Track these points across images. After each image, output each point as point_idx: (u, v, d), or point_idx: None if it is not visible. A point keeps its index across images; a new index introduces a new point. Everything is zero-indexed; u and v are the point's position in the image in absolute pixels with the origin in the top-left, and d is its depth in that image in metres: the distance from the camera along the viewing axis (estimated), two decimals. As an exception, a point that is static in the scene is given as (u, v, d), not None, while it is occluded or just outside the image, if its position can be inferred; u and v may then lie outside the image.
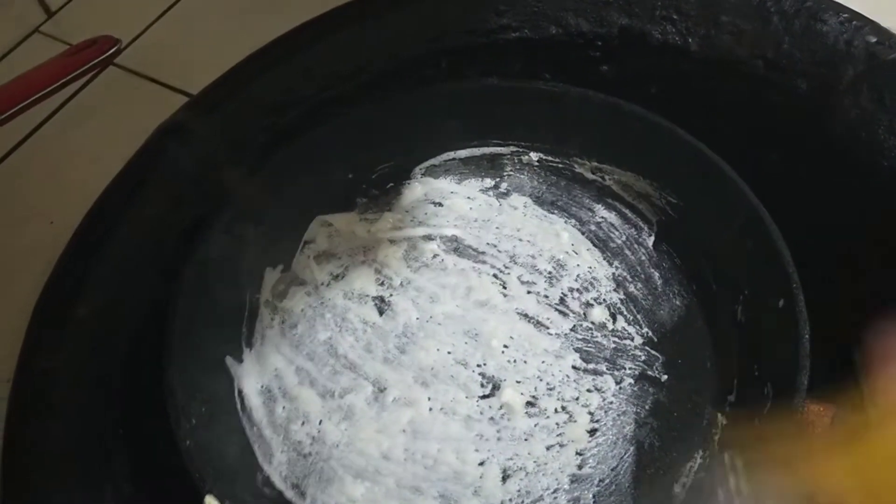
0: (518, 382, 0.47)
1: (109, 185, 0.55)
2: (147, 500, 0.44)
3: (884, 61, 0.53)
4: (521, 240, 0.53)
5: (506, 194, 0.55)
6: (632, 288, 0.50)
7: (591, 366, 0.47)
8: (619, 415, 0.45)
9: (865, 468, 0.36)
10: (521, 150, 0.55)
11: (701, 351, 0.47)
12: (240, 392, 0.48)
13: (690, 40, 0.59)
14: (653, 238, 0.51)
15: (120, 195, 0.55)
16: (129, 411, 0.47)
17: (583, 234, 0.53)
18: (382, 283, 0.52)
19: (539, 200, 0.55)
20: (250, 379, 0.48)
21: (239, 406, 0.47)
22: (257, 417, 0.47)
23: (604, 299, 0.50)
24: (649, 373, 0.47)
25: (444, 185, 0.56)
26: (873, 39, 0.53)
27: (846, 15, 0.54)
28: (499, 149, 0.55)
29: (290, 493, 0.45)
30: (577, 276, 0.51)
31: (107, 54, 0.58)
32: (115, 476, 0.45)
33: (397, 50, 0.62)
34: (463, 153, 0.56)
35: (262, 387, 0.48)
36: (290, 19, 0.62)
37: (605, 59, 0.60)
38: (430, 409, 0.46)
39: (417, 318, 0.50)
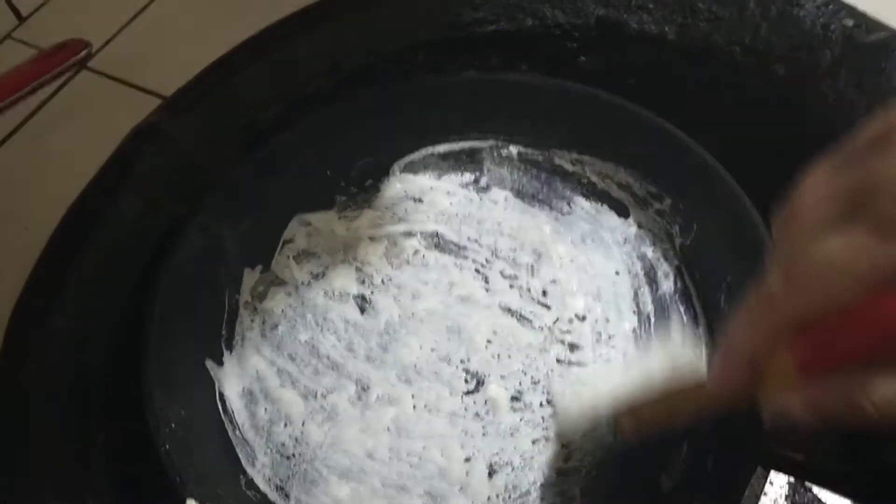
0: (502, 377, 0.46)
1: (84, 189, 0.55)
2: (129, 507, 0.44)
3: (861, 44, 0.53)
4: (502, 234, 0.52)
5: (486, 188, 0.55)
6: (614, 278, 0.49)
7: (574, 358, 0.47)
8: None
9: None
10: (500, 143, 0.55)
11: (685, 339, 0.47)
12: (221, 395, 0.47)
13: (667, 29, 0.59)
14: (634, 228, 0.51)
15: (95, 200, 0.54)
16: (109, 418, 0.46)
17: (564, 225, 0.52)
18: (363, 282, 0.51)
19: (519, 194, 0.54)
20: (231, 381, 0.48)
21: (220, 409, 0.47)
22: (239, 420, 0.47)
23: (586, 290, 0.49)
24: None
25: (424, 180, 0.55)
26: (850, 23, 0.53)
27: (822, -1, 0.54)
28: (478, 143, 0.55)
29: (273, 496, 0.44)
30: (560, 267, 0.50)
31: (77, 57, 0.57)
32: (95, 485, 0.44)
33: (374, 45, 0.61)
34: (442, 148, 0.55)
35: (243, 389, 0.48)
36: (264, 18, 0.62)
37: (583, 50, 0.60)
38: (415, 407, 0.46)
39: (399, 316, 0.50)
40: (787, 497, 0.47)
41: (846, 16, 0.53)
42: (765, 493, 0.47)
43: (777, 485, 0.48)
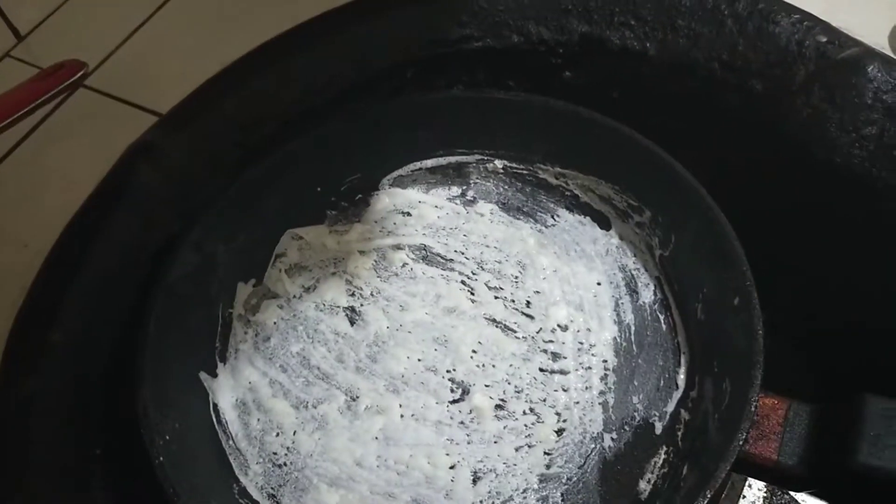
0: (487, 386, 0.48)
1: (81, 207, 0.56)
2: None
3: (834, 61, 0.54)
4: (488, 246, 0.54)
5: (472, 202, 0.56)
6: (595, 289, 0.51)
7: (557, 366, 0.48)
8: (585, 414, 0.46)
9: None
10: (486, 157, 0.56)
11: (663, 348, 0.48)
12: (215, 406, 0.48)
13: (648, 45, 0.60)
14: (615, 239, 0.53)
15: (91, 217, 0.55)
16: (106, 433, 0.48)
17: (547, 237, 0.54)
18: (353, 294, 0.53)
19: (505, 207, 0.56)
20: (225, 393, 0.49)
21: (214, 420, 0.48)
22: (233, 430, 0.48)
23: (569, 300, 0.51)
24: (613, 371, 0.48)
25: (412, 194, 0.57)
26: (824, 39, 0.54)
27: (797, 16, 0.55)
28: (464, 157, 0.57)
29: (266, 503, 0.45)
30: (543, 278, 0.52)
31: (75, 77, 0.59)
32: (93, 496, 0.46)
33: (363, 63, 0.63)
34: (429, 163, 0.57)
35: (236, 400, 0.49)
36: (256, 37, 0.63)
37: (567, 66, 0.61)
38: (402, 416, 0.48)
39: (388, 327, 0.51)
40: (765, 499, 0.48)
41: (820, 32, 0.54)
42: (743, 496, 0.49)
43: (756, 487, 0.49)
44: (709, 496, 0.38)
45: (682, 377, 0.47)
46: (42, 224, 0.57)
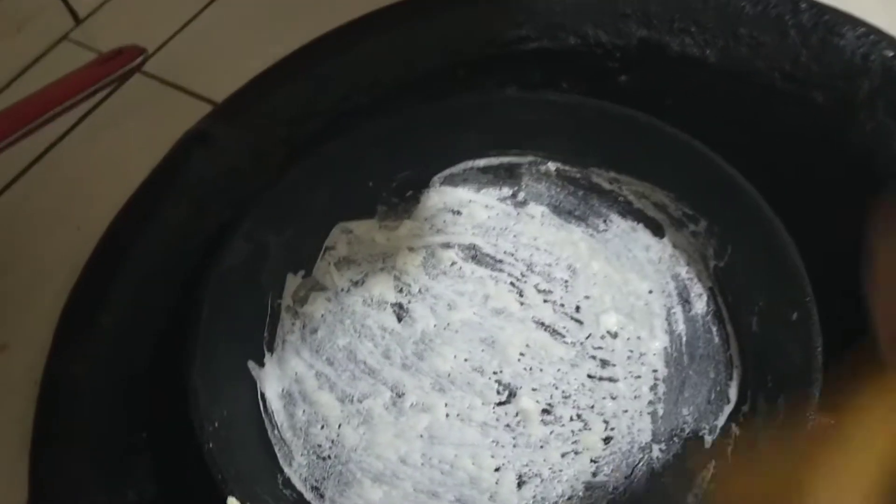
0: (534, 390, 0.48)
1: (135, 192, 0.57)
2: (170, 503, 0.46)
3: (900, 75, 0.53)
4: (538, 248, 0.54)
5: (523, 203, 0.56)
6: (647, 297, 0.50)
7: (606, 374, 0.48)
8: (633, 423, 0.46)
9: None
10: (538, 159, 0.56)
11: (715, 360, 0.48)
12: (262, 395, 0.49)
13: (708, 52, 0.59)
14: (669, 248, 0.52)
15: (145, 203, 0.56)
16: (153, 415, 0.48)
17: (599, 242, 0.53)
18: (401, 290, 0.53)
19: (556, 210, 0.55)
20: (271, 383, 0.49)
21: (261, 409, 0.48)
22: (278, 420, 0.48)
23: (619, 307, 0.50)
24: (664, 381, 0.47)
25: (463, 193, 0.56)
26: (890, 54, 0.53)
27: (863, 29, 0.55)
28: (517, 158, 0.56)
29: (309, 495, 0.46)
30: (594, 284, 0.51)
31: (133, 64, 0.59)
32: (138, 479, 0.46)
33: (415, 61, 0.63)
34: (481, 162, 0.56)
35: (282, 391, 0.49)
36: (312, 30, 0.64)
37: (624, 70, 0.60)
38: (447, 415, 0.47)
39: (435, 325, 0.51)
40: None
41: (886, 46, 0.53)
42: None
43: None
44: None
45: (733, 391, 0.46)
46: (95, 207, 0.58)
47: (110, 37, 0.68)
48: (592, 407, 0.47)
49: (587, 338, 0.49)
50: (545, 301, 0.51)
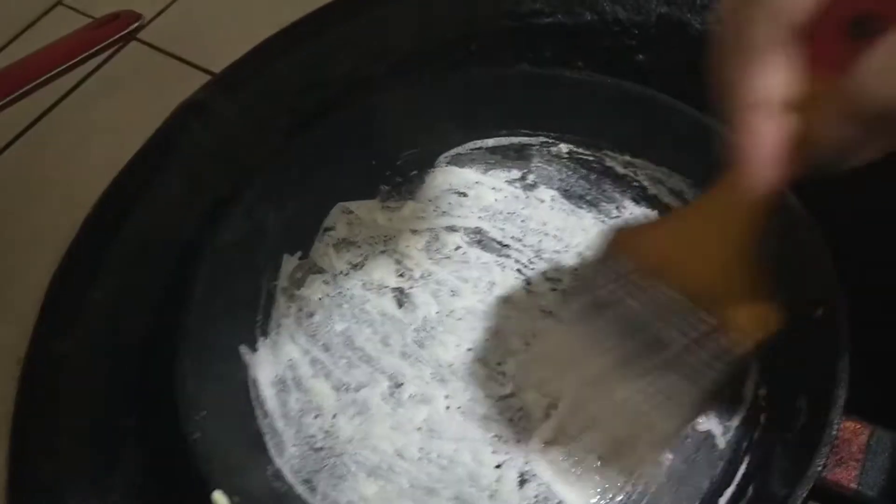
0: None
1: (129, 162, 0.54)
2: (156, 492, 0.44)
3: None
4: (547, 234, 0.51)
5: (533, 186, 0.53)
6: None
7: (615, 369, 0.45)
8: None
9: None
10: (550, 140, 0.53)
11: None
12: (254, 382, 0.47)
13: (732, 31, 0.56)
14: (685, 237, 0.49)
15: (139, 173, 0.54)
16: (141, 399, 0.46)
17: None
18: (402, 275, 0.50)
19: (567, 194, 0.53)
20: (264, 369, 0.47)
21: (252, 396, 0.46)
22: (270, 408, 0.46)
23: (631, 299, 0.48)
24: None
25: (470, 174, 0.54)
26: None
27: None
28: (527, 139, 0.54)
29: (300, 489, 0.44)
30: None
31: (128, 30, 0.57)
32: (125, 467, 0.44)
33: (426, 32, 0.60)
34: (490, 142, 0.54)
35: (276, 377, 0.47)
36: (315, 0, 0.61)
37: (642, 48, 0.58)
38: (447, 408, 0.45)
39: (437, 312, 0.49)
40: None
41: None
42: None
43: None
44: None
45: (749, 390, 0.44)
46: (88, 176, 0.56)
47: (104, 2, 0.66)
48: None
49: (596, 329, 0.47)
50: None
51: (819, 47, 0.27)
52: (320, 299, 0.50)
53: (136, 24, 0.59)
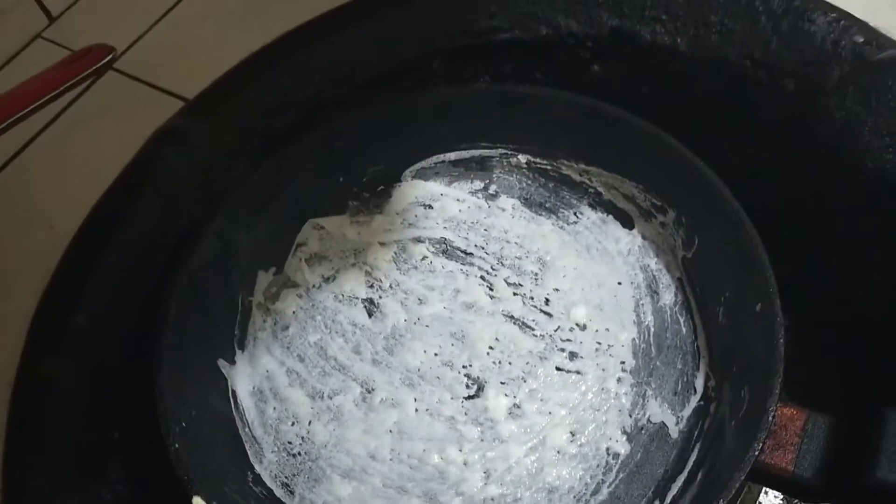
0: (502, 384, 0.48)
1: (106, 191, 0.56)
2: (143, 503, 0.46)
3: (870, 62, 0.52)
4: (508, 241, 0.54)
5: (494, 196, 0.56)
6: (616, 289, 0.50)
7: (574, 366, 0.48)
8: (600, 416, 0.46)
9: None
10: (509, 152, 0.56)
11: (683, 351, 0.48)
12: (233, 393, 0.49)
13: (679, 40, 0.59)
14: (638, 239, 0.52)
15: (116, 201, 0.56)
16: (126, 415, 0.48)
17: (569, 234, 0.53)
18: (372, 286, 0.53)
19: (527, 202, 0.55)
20: (242, 380, 0.49)
21: (232, 407, 0.49)
22: (249, 418, 0.48)
23: (588, 299, 0.50)
24: (631, 373, 0.47)
25: (434, 187, 0.56)
26: (860, 39, 0.53)
27: (834, 15, 0.54)
28: (488, 151, 0.56)
29: (279, 492, 0.46)
30: (564, 276, 0.51)
31: (102, 62, 0.59)
32: (111, 480, 0.46)
33: (388, 53, 0.62)
34: (452, 156, 0.56)
35: (253, 388, 0.49)
36: (284, 25, 0.63)
37: (596, 60, 0.60)
38: (416, 410, 0.48)
39: (405, 320, 0.51)
40: (780, 510, 0.48)
41: (857, 32, 0.53)
42: (759, 504, 0.49)
43: (772, 495, 0.49)
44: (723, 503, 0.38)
45: (700, 381, 0.46)
46: (68, 206, 0.58)
47: (83, 34, 0.68)
48: (560, 401, 0.47)
49: (556, 330, 0.49)
50: (515, 294, 0.51)
51: None
52: (294, 312, 0.52)
53: (109, 57, 0.61)
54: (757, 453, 0.38)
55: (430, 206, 0.56)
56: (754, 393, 0.41)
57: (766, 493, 0.48)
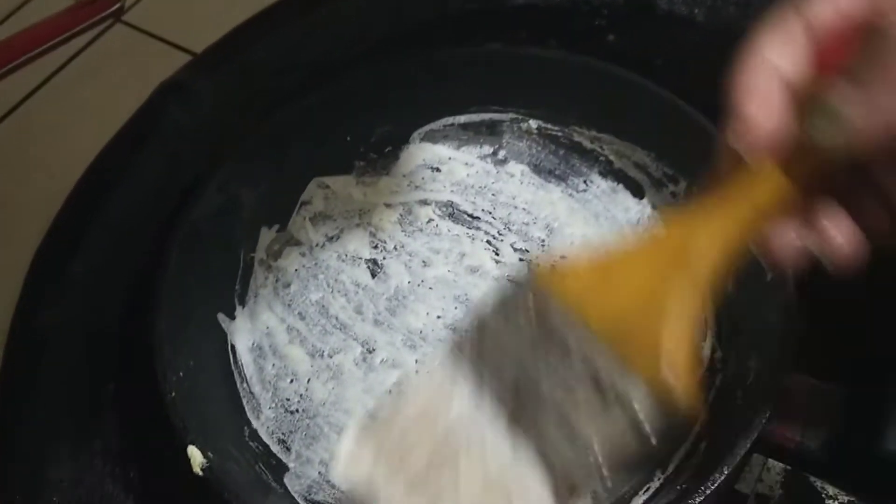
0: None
1: (109, 141, 0.56)
2: (135, 457, 0.45)
3: None
4: (516, 207, 0.53)
5: (503, 161, 0.55)
6: (624, 258, 0.50)
7: (578, 334, 0.47)
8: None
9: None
10: (520, 117, 0.55)
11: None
12: (232, 348, 0.48)
13: (696, 11, 0.58)
14: (648, 209, 0.51)
15: (119, 152, 0.55)
16: (121, 366, 0.48)
17: (578, 202, 0.52)
18: (376, 247, 0.52)
19: (536, 168, 0.54)
20: (242, 336, 0.49)
21: (230, 361, 0.48)
22: (247, 373, 0.48)
23: (595, 269, 0.49)
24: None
25: (443, 150, 0.55)
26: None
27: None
28: (498, 115, 0.55)
29: (275, 448, 0.45)
30: (571, 243, 0.51)
31: (110, 10, 0.58)
32: (104, 430, 0.46)
33: (400, 14, 0.62)
34: (462, 118, 0.55)
35: (253, 344, 0.49)
36: (296, -20, 0.62)
37: (612, 28, 0.59)
38: (417, 372, 0.47)
39: (409, 282, 0.50)
40: (781, 484, 0.47)
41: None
42: (761, 480, 0.48)
43: (774, 471, 0.48)
44: (727, 472, 0.37)
45: (706, 351, 0.46)
46: (70, 156, 0.57)
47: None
48: (563, 366, 0.46)
49: (561, 297, 0.49)
50: (520, 260, 0.51)
51: (830, 54, 0.27)
52: (296, 270, 0.52)
53: (117, 6, 0.60)
54: (764, 422, 0.37)
55: (438, 170, 0.55)
56: (762, 363, 0.41)
57: (768, 469, 0.47)
